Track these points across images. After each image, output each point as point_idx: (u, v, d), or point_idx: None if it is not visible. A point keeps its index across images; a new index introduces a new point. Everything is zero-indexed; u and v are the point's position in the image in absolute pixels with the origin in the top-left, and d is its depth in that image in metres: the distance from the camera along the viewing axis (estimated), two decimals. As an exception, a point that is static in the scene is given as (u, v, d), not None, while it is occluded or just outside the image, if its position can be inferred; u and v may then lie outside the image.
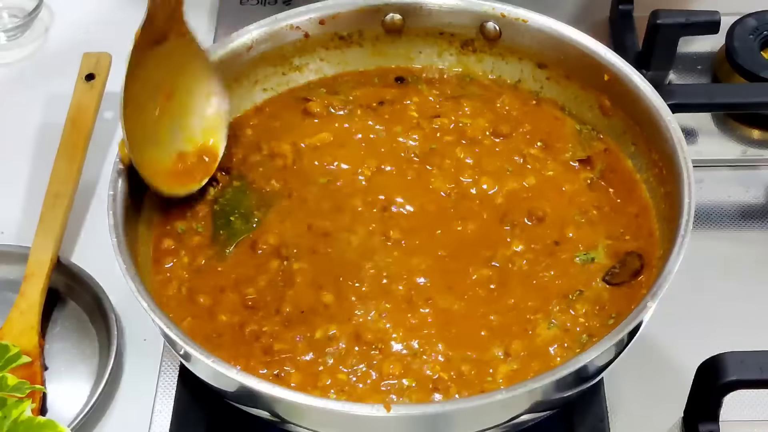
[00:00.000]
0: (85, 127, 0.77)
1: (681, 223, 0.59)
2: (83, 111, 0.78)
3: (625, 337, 0.56)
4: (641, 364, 0.67)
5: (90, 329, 0.71)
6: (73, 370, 0.70)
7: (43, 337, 0.70)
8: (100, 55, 0.81)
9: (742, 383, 0.61)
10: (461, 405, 0.55)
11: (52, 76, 0.87)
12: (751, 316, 0.71)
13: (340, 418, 0.55)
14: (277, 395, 0.54)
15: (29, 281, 0.71)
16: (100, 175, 0.80)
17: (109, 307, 0.70)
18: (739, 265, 0.74)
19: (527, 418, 0.58)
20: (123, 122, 0.62)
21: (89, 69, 0.80)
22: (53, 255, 0.72)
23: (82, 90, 0.79)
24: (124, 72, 0.62)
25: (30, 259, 0.72)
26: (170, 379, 0.69)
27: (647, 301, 0.56)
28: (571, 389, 0.58)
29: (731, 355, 0.61)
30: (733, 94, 0.78)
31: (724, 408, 0.63)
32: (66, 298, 0.73)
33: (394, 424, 0.56)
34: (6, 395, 0.58)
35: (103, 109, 0.80)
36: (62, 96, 0.80)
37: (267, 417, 0.59)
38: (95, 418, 0.68)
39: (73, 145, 0.76)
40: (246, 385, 0.55)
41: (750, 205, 0.77)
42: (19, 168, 0.82)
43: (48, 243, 0.72)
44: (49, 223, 0.73)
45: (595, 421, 0.63)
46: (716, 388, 0.61)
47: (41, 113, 0.86)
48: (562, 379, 0.54)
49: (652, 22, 0.82)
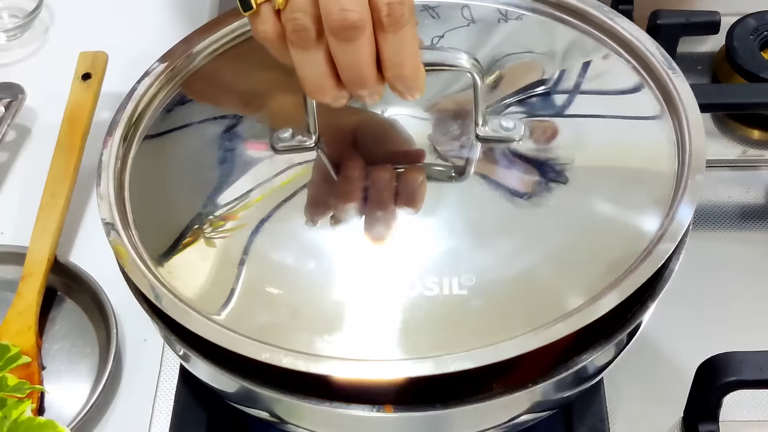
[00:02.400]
0: (81, 126, 0.77)
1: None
2: (80, 110, 0.78)
3: (625, 338, 0.55)
4: (641, 364, 0.67)
5: (89, 328, 0.71)
6: (72, 369, 0.70)
7: (41, 336, 0.70)
8: (96, 54, 0.81)
9: (742, 383, 0.60)
10: (461, 406, 0.54)
11: (51, 76, 0.87)
12: (751, 316, 0.70)
13: (339, 419, 0.55)
14: (276, 396, 0.54)
15: (26, 281, 0.71)
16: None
17: (108, 307, 0.69)
18: (739, 265, 0.73)
19: (527, 418, 0.58)
20: None
21: (86, 68, 0.80)
22: (50, 255, 0.72)
23: (79, 89, 0.79)
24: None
25: (27, 259, 0.71)
26: (170, 379, 0.69)
27: (647, 301, 0.56)
28: (570, 389, 0.57)
29: (731, 355, 0.61)
30: (733, 94, 0.77)
31: (724, 408, 0.63)
32: (64, 298, 0.73)
33: (393, 425, 0.55)
34: (6, 395, 0.58)
35: (99, 108, 0.79)
36: (61, 96, 0.80)
37: (267, 417, 0.58)
38: (95, 418, 0.67)
39: (70, 144, 0.76)
40: (245, 386, 0.54)
41: (750, 206, 0.77)
42: (17, 168, 0.82)
43: (45, 243, 0.72)
44: (46, 222, 0.73)
45: (595, 421, 0.62)
46: (716, 388, 0.61)
47: (40, 113, 0.86)
48: (561, 380, 0.54)
49: (653, 22, 0.81)
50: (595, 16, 0.65)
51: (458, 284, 0.54)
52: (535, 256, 0.55)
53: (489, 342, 0.50)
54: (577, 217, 0.57)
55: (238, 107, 0.64)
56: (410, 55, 0.53)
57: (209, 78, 0.66)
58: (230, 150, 0.62)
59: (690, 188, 0.56)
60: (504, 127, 0.59)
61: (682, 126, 0.59)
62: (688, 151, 0.58)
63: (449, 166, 0.60)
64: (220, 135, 0.63)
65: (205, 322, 0.53)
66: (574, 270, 0.55)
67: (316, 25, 0.52)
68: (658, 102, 0.61)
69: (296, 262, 0.56)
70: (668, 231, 0.54)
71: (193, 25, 0.67)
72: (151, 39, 0.90)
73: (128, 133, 0.63)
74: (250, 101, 0.64)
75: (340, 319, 0.53)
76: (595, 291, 0.52)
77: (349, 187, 0.59)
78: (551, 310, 0.52)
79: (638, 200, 0.57)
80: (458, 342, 0.51)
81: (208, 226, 0.59)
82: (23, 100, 0.83)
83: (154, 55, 0.66)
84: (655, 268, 0.53)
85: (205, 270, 0.57)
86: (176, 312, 0.54)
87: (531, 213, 0.57)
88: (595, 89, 0.64)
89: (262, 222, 0.58)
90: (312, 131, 0.60)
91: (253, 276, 0.56)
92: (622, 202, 0.57)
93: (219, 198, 0.60)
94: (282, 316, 0.54)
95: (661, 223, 0.55)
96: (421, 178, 0.59)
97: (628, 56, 0.63)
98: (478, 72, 0.57)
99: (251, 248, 0.57)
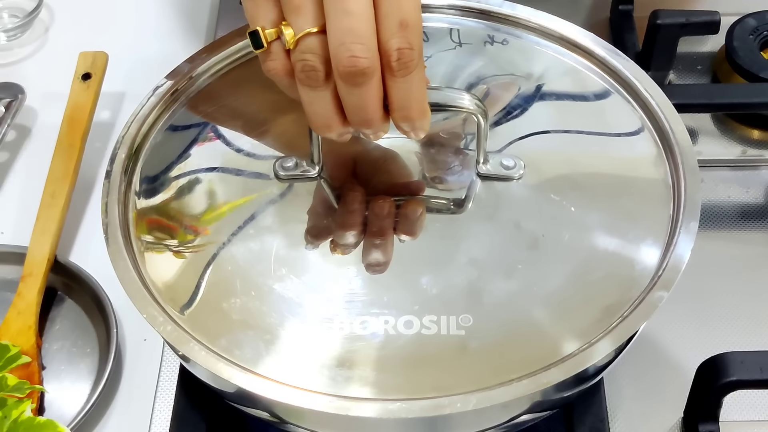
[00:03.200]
0: (81, 126, 0.76)
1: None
2: (80, 110, 0.77)
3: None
4: (641, 364, 0.66)
5: (89, 328, 0.70)
6: (72, 369, 0.69)
7: (41, 336, 0.70)
8: (96, 54, 0.80)
9: (743, 383, 0.60)
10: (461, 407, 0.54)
11: (51, 76, 0.86)
12: (750, 315, 0.70)
13: (338, 419, 0.54)
14: (274, 397, 0.53)
15: (26, 281, 0.70)
16: (98, 174, 0.79)
17: (108, 307, 0.69)
18: (739, 265, 0.73)
19: (527, 418, 0.57)
20: None
21: (86, 68, 0.79)
22: (50, 254, 0.71)
23: (79, 89, 0.78)
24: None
25: (27, 259, 0.71)
26: (170, 379, 0.68)
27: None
28: (570, 389, 0.57)
29: (731, 355, 0.60)
30: (733, 94, 0.77)
31: (724, 408, 0.62)
32: (64, 298, 0.72)
33: (392, 425, 0.55)
34: (6, 395, 0.57)
35: (99, 108, 0.79)
36: (61, 96, 0.79)
37: (266, 418, 0.58)
38: (95, 417, 0.67)
39: (70, 144, 0.75)
40: (244, 387, 0.53)
41: (750, 205, 0.77)
42: (17, 168, 0.82)
43: (45, 242, 0.71)
44: (46, 222, 0.72)
45: (595, 420, 0.62)
46: (716, 388, 0.60)
47: (40, 113, 0.85)
48: (562, 381, 0.53)
49: (652, 22, 0.81)
50: (595, 52, 0.66)
51: (456, 324, 0.54)
52: (531, 298, 0.56)
53: (485, 385, 0.52)
54: (574, 259, 0.57)
55: (242, 130, 0.64)
56: (418, 98, 0.54)
57: (213, 99, 0.66)
58: (232, 174, 0.62)
59: (684, 233, 0.56)
60: (504, 165, 0.60)
61: (678, 169, 0.60)
62: (683, 195, 0.58)
63: (449, 201, 0.60)
64: (222, 158, 0.63)
65: (210, 355, 0.54)
66: (570, 313, 0.55)
67: (325, 66, 0.52)
68: (655, 143, 0.62)
69: (294, 294, 0.56)
70: (662, 277, 0.55)
71: (192, 25, 0.67)
72: (151, 39, 0.91)
73: (128, 166, 0.62)
74: (253, 125, 0.64)
75: (339, 355, 0.54)
76: (591, 336, 0.53)
77: (349, 218, 0.59)
78: (546, 353, 0.53)
79: (634, 243, 0.57)
80: (456, 383, 0.52)
81: (205, 248, 0.59)
82: (23, 100, 0.83)
83: (153, 56, 0.65)
84: (650, 315, 0.54)
85: (204, 293, 0.57)
86: (179, 343, 0.54)
87: (527, 252, 0.58)
88: (590, 126, 0.64)
89: (261, 247, 0.58)
90: (316, 161, 0.60)
91: (251, 304, 0.56)
92: (618, 244, 0.58)
93: (220, 223, 0.60)
94: (279, 346, 0.55)
95: (656, 267, 0.56)
96: (421, 210, 0.59)
97: (626, 94, 0.64)
98: (481, 113, 0.57)
99: (249, 274, 0.57)
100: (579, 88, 0.65)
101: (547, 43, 0.67)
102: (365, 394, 0.52)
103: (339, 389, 0.52)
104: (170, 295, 0.56)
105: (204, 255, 0.59)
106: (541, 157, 0.61)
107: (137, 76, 0.84)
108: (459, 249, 0.58)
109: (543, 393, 0.54)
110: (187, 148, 0.64)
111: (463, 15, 0.69)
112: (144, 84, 0.65)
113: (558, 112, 0.65)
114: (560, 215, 0.59)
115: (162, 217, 0.61)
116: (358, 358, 0.54)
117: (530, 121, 0.64)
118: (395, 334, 0.54)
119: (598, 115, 0.64)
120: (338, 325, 0.55)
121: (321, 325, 0.55)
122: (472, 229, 0.59)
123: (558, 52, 0.67)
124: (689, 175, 0.59)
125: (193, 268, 0.58)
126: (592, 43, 0.66)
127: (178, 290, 0.57)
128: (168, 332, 0.54)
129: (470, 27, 0.68)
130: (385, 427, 0.56)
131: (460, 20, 0.69)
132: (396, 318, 0.55)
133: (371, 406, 0.52)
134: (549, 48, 0.67)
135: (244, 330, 0.55)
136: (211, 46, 0.68)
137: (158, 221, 0.61)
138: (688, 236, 0.56)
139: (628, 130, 0.63)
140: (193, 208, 0.61)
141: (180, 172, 0.63)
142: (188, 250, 0.59)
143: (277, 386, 0.53)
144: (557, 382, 0.52)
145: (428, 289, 0.56)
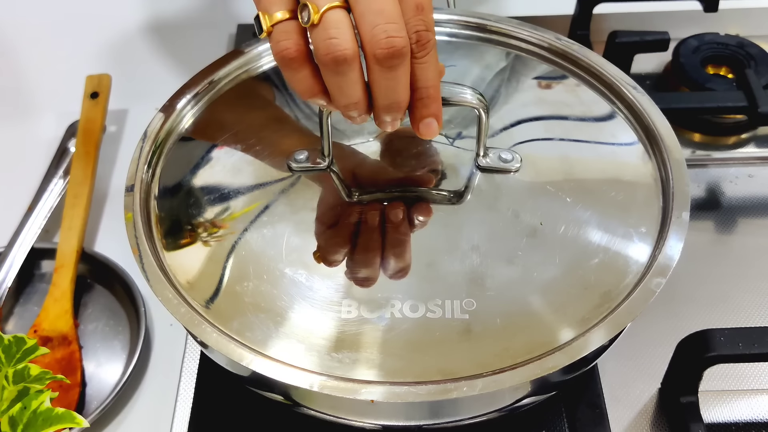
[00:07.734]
0: (94, 136, 0.65)
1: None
2: (91, 123, 0.66)
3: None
4: (623, 340, 0.52)
5: (119, 311, 0.58)
6: (107, 346, 0.56)
7: (77, 318, 0.57)
8: (101, 76, 0.69)
9: (723, 357, 0.47)
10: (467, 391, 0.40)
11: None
12: (704, 297, 0.56)
13: (350, 401, 0.40)
14: (287, 381, 0.40)
15: (59, 272, 0.57)
16: (111, 180, 0.66)
17: (136, 291, 0.56)
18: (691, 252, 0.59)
19: (529, 401, 0.43)
20: None
21: (93, 88, 0.68)
22: (78, 247, 0.59)
23: (89, 106, 0.67)
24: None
25: (58, 253, 0.58)
26: (194, 360, 0.54)
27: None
28: (573, 372, 0.43)
29: (712, 331, 0.47)
30: (680, 100, 0.64)
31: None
32: (94, 285, 0.59)
33: (400, 407, 0.41)
34: (28, 385, 0.42)
35: (107, 123, 0.68)
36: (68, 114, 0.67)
37: (282, 400, 0.43)
38: (128, 393, 0.54)
39: (86, 152, 0.64)
40: (258, 372, 0.40)
41: (701, 198, 0.63)
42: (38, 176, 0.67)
43: (72, 237, 0.59)
44: (71, 220, 0.60)
45: (592, 396, 0.48)
46: (699, 361, 0.47)
47: (52, 129, 0.70)
48: (567, 365, 0.39)
49: (611, 41, 0.69)
50: (581, 59, 0.54)
51: (460, 308, 0.42)
52: (531, 284, 0.43)
53: (489, 369, 0.39)
54: (572, 247, 0.44)
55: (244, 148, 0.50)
56: (434, 77, 0.41)
57: (210, 122, 0.52)
58: (247, 165, 0.49)
59: (676, 224, 0.44)
60: (503, 158, 0.48)
61: (665, 164, 0.47)
62: (671, 187, 0.46)
63: (450, 192, 0.47)
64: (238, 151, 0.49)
65: (222, 337, 0.41)
66: (571, 299, 0.42)
67: (353, 45, 0.37)
68: (640, 139, 0.49)
69: (305, 279, 0.43)
70: (658, 265, 0.42)
71: (209, 53, 0.51)
72: (149, 61, 0.75)
73: (150, 159, 0.49)
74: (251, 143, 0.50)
75: (347, 338, 0.41)
76: (592, 321, 0.41)
77: (359, 208, 0.45)
78: (548, 338, 0.40)
79: (629, 232, 0.45)
80: (460, 367, 0.40)
81: (220, 236, 0.45)
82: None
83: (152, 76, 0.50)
84: (649, 300, 0.41)
85: (218, 278, 0.44)
86: (192, 325, 0.42)
87: (527, 240, 0.44)
88: (580, 126, 0.51)
89: (274, 234, 0.45)
90: (326, 154, 0.47)
91: (262, 287, 0.43)
92: (614, 232, 0.45)
93: (235, 212, 0.47)
94: (288, 329, 0.42)
95: (650, 255, 0.43)
96: (428, 203, 0.46)
97: (612, 97, 0.52)
98: (483, 107, 0.45)
99: (261, 260, 0.44)
100: (571, 94, 0.53)
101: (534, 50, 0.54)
102: (372, 377, 0.40)
103: (346, 372, 0.40)
104: (186, 279, 0.44)
105: (220, 242, 0.45)
106: (535, 153, 0.49)
107: (136, 94, 0.71)
108: (461, 237, 0.45)
109: (548, 377, 0.40)
110: (210, 150, 0.50)
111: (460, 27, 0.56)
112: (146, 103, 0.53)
113: (550, 113, 0.51)
114: (557, 206, 0.46)
115: (180, 207, 0.47)
116: (365, 340, 0.41)
117: (520, 118, 0.51)
118: (401, 318, 0.41)
119: (586, 113, 0.51)
120: (346, 308, 0.42)
121: (329, 308, 0.42)
122: (474, 218, 0.46)
123: (544, 59, 0.54)
124: (675, 168, 0.47)
125: (209, 255, 0.45)
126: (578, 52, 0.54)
127: (194, 275, 0.44)
128: (182, 314, 0.42)
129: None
130: (391, 409, 0.42)
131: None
132: (402, 302, 0.42)
133: (378, 390, 0.39)
134: (534, 54, 0.54)
135: (255, 312, 0.42)
136: (233, 53, 0.54)
137: (176, 212, 0.47)
138: (681, 226, 0.44)
139: (615, 127, 0.51)
140: (209, 198, 0.48)
141: (199, 164, 0.49)
142: (205, 238, 0.46)
143: (285, 368, 0.40)
144: (563, 366, 0.39)
145: (433, 274, 0.43)
